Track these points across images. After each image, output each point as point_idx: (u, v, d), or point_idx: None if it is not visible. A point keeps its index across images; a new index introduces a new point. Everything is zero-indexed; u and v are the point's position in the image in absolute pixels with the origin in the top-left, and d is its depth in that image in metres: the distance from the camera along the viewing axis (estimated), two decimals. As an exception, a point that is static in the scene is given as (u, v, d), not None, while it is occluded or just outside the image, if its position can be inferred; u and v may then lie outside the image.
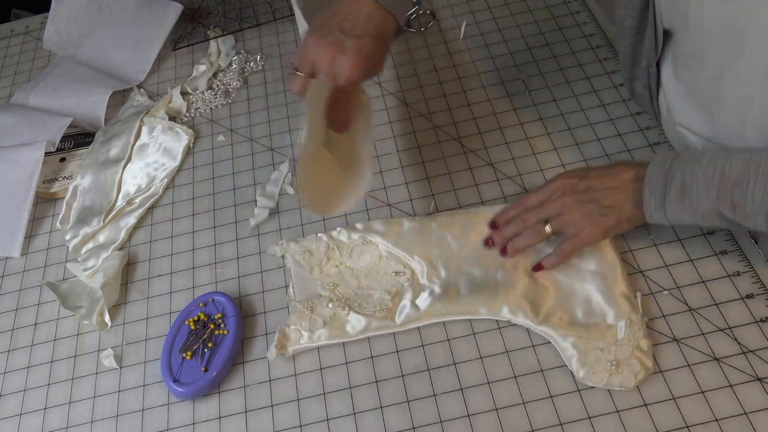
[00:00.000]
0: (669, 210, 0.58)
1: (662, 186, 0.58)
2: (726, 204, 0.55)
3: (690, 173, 0.56)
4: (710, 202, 0.56)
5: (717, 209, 0.55)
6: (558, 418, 0.59)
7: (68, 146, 0.88)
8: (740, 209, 0.54)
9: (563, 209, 0.63)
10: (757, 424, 0.56)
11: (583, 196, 0.62)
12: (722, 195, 0.55)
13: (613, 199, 0.61)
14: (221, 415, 0.64)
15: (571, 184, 0.63)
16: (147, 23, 0.99)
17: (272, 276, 0.73)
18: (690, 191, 0.56)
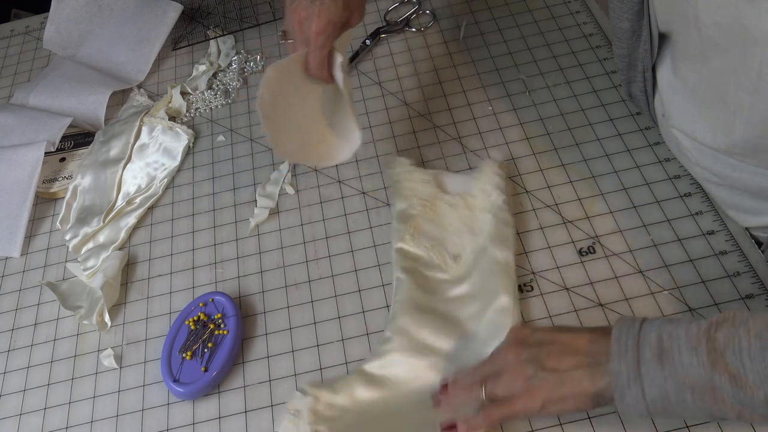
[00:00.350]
0: (647, 381, 0.45)
1: (633, 349, 0.46)
2: (722, 371, 0.43)
3: (667, 333, 0.45)
4: (701, 369, 0.43)
5: (711, 380, 0.43)
6: (558, 418, 0.58)
7: (68, 146, 0.88)
8: (741, 380, 0.42)
9: (502, 367, 0.52)
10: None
11: (527, 352, 0.51)
12: (715, 359, 0.43)
13: (558, 361, 0.49)
14: (221, 415, 0.64)
15: (523, 335, 0.53)
16: (147, 23, 0.99)
17: (272, 276, 0.73)
18: (670, 354, 0.44)
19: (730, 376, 0.42)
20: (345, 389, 0.62)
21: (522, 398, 0.50)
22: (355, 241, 0.74)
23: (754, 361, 0.42)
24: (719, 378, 0.43)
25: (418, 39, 0.94)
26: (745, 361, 0.42)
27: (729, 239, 0.66)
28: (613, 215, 0.70)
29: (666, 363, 0.44)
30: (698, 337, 0.44)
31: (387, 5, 0.99)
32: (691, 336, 0.45)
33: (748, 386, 0.42)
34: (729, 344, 0.43)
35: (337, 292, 0.70)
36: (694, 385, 0.43)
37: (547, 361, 0.50)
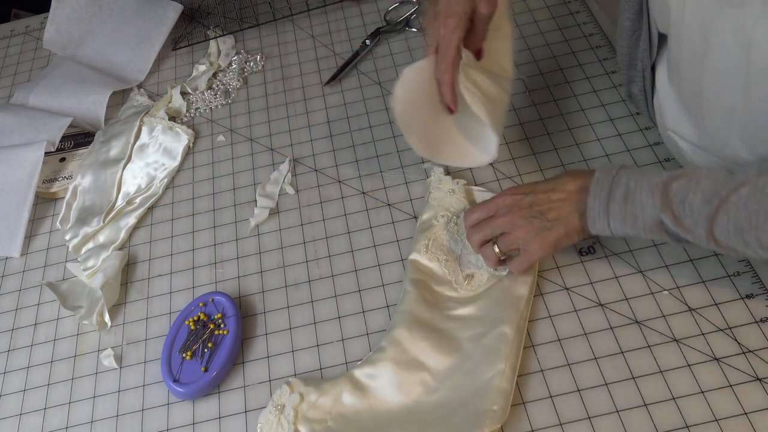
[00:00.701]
0: (612, 215, 0.57)
1: (607, 191, 0.57)
2: (668, 212, 0.54)
3: (635, 180, 0.56)
4: (653, 209, 0.55)
5: (659, 217, 0.55)
6: (558, 418, 0.59)
7: (68, 146, 0.88)
8: (681, 221, 0.54)
9: (509, 227, 0.62)
10: (757, 424, 0.56)
11: (528, 212, 0.61)
12: (664, 202, 0.54)
13: (559, 212, 0.60)
14: (221, 415, 0.64)
15: (517, 200, 0.62)
16: (147, 23, 0.99)
17: (272, 276, 0.73)
18: (634, 196, 0.56)
19: (674, 217, 0.54)
20: (331, 392, 0.62)
21: (536, 245, 0.61)
22: (355, 241, 0.74)
23: (692, 211, 0.53)
24: (665, 217, 0.54)
25: (418, 39, 0.94)
26: (686, 209, 0.53)
27: (729, 239, 0.66)
28: (613, 215, 0.70)
29: (628, 202, 0.56)
30: (657, 185, 0.55)
31: (387, 5, 0.99)
32: (653, 183, 0.55)
33: (685, 228, 0.54)
34: (679, 194, 0.54)
35: (337, 292, 0.70)
36: (646, 220, 0.56)
37: (550, 214, 0.60)
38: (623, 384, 0.59)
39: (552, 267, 0.68)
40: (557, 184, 0.62)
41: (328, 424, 0.60)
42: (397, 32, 0.95)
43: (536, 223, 0.60)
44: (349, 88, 0.89)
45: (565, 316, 0.64)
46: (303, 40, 0.98)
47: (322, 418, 0.60)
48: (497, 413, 0.57)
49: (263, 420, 0.61)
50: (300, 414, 0.61)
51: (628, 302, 0.64)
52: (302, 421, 0.60)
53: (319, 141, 0.84)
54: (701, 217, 0.52)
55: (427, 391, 0.61)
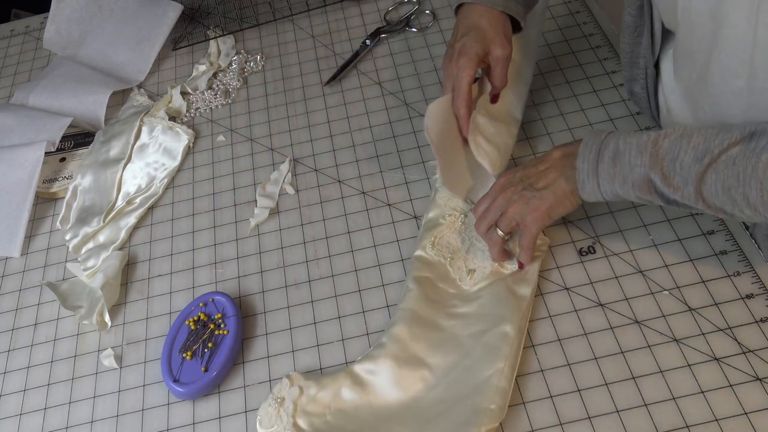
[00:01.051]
0: (601, 176, 0.57)
1: (596, 152, 0.58)
2: (657, 171, 0.54)
3: (624, 141, 0.57)
4: (642, 168, 0.55)
5: (648, 176, 0.55)
6: (558, 418, 0.59)
7: (68, 146, 0.88)
8: (670, 180, 0.54)
9: (505, 205, 0.63)
10: (757, 424, 0.56)
11: (519, 186, 0.63)
12: (654, 161, 0.54)
13: (546, 179, 0.61)
14: (221, 415, 0.64)
15: (509, 179, 0.64)
16: (147, 23, 0.99)
17: (272, 276, 0.73)
18: (622, 157, 0.56)
19: (663, 176, 0.54)
20: (331, 386, 0.62)
21: (531, 216, 0.62)
22: (355, 241, 0.74)
23: (682, 169, 0.53)
24: (654, 176, 0.55)
25: (418, 39, 0.94)
26: (676, 167, 0.53)
27: (729, 239, 0.66)
28: (614, 215, 0.70)
29: (617, 162, 0.56)
30: (646, 144, 0.55)
31: (387, 5, 0.99)
32: (641, 143, 0.56)
33: (673, 186, 0.54)
34: (669, 152, 0.54)
35: (337, 292, 0.70)
36: (635, 180, 0.56)
37: (538, 183, 0.62)
38: (623, 384, 0.59)
39: (552, 267, 0.68)
40: (545, 155, 0.63)
41: (327, 418, 0.60)
42: (397, 32, 0.95)
43: (527, 195, 0.62)
44: (349, 88, 0.89)
45: (565, 316, 0.64)
46: (303, 40, 0.98)
47: (321, 412, 0.61)
48: (495, 412, 0.57)
49: (262, 412, 0.61)
50: (299, 407, 0.61)
51: (628, 302, 0.64)
52: (301, 414, 0.61)
53: (319, 141, 0.84)
54: (691, 175, 0.53)
55: (427, 387, 0.61)
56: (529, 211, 0.61)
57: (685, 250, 0.66)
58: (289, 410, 0.61)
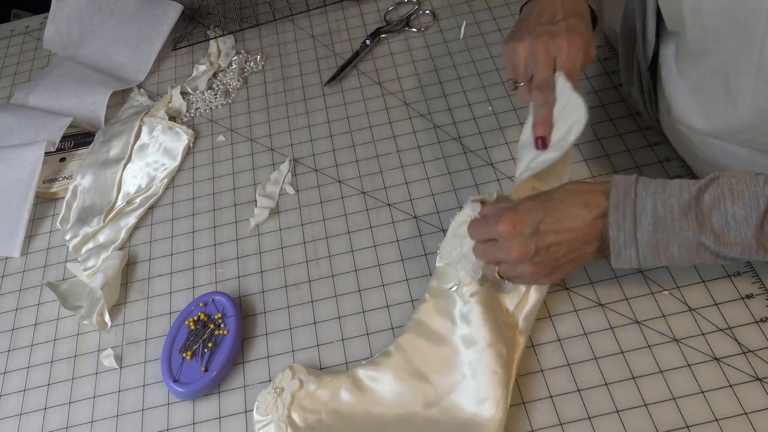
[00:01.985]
0: (641, 244, 0.52)
1: (632, 219, 0.52)
2: (708, 233, 0.50)
3: (662, 204, 0.51)
4: (690, 233, 0.50)
5: (698, 240, 0.51)
6: (558, 418, 0.59)
7: (68, 146, 0.88)
8: (724, 238, 0.50)
9: (512, 261, 0.56)
10: (757, 424, 0.56)
11: (534, 250, 0.55)
12: (702, 223, 0.50)
13: (569, 249, 0.55)
14: (221, 415, 0.64)
15: (520, 232, 0.55)
16: (147, 23, 0.99)
17: (272, 276, 0.73)
18: (664, 222, 0.51)
19: (715, 236, 0.50)
20: (331, 385, 0.62)
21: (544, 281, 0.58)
22: (355, 241, 0.74)
23: (737, 224, 0.49)
24: (705, 239, 0.50)
25: (418, 39, 0.94)
26: (729, 221, 0.49)
27: (729, 239, 0.66)
28: (613, 215, 0.70)
29: (659, 229, 0.51)
30: (689, 203, 0.51)
31: (387, 5, 0.99)
32: (683, 203, 0.51)
33: (729, 243, 0.50)
34: (715, 206, 0.50)
35: (337, 292, 0.70)
36: (682, 243, 0.51)
37: (558, 253, 0.55)
38: (623, 384, 0.59)
39: (552, 267, 0.68)
40: (564, 214, 0.54)
41: (322, 416, 0.60)
42: (397, 32, 0.95)
43: (543, 266, 0.56)
44: (349, 88, 0.89)
45: (565, 316, 0.64)
46: (303, 40, 0.98)
47: (316, 409, 0.61)
48: (496, 422, 0.57)
49: (261, 399, 0.62)
50: (296, 401, 0.61)
51: (628, 302, 0.64)
52: (297, 408, 0.61)
53: (319, 141, 0.84)
54: (750, 227, 0.49)
55: (425, 404, 0.60)
56: (544, 278, 0.57)
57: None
58: (286, 401, 0.61)
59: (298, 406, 0.61)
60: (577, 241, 0.54)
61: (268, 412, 0.61)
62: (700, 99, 0.63)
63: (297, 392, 0.62)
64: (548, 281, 0.58)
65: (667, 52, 0.66)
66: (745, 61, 0.54)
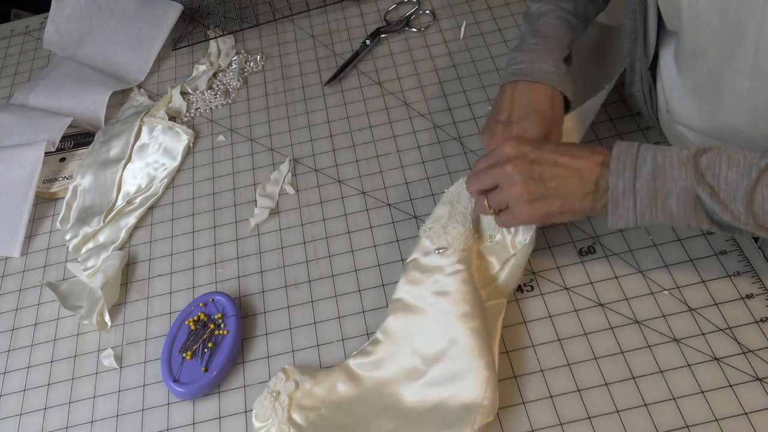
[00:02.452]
0: (640, 194, 0.52)
1: (632, 168, 0.52)
2: (704, 185, 0.50)
3: (661, 154, 0.52)
4: (687, 182, 0.51)
5: (695, 191, 0.51)
6: (558, 418, 0.59)
7: (68, 146, 0.88)
8: (717, 196, 0.50)
9: (505, 181, 0.57)
10: (757, 424, 0.56)
11: (529, 168, 0.55)
12: (698, 176, 0.50)
13: (560, 184, 0.55)
14: (221, 415, 0.64)
15: (521, 151, 0.56)
16: (147, 23, 0.99)
17: (272, 276, 0.73)
18: (663, 170, 0.51)
19: (711, 190, 0.50)
20: (326, 381, 0.62)
21: (525, 210, 0.56)
22: (355, 241, 0.74)
23: (728, 185, 0.50)
24: (701, 191, 0.50)
25: (418, 39, 0.94)
26: (721, 182, 0.50)
27: (729, 239, 0.66)
28: (613, 215, 0.70)
29: (657, 177, 0.51)
30: (687, 157, 0.51)
31: (387, 5, 0.99)
32: (682, 157, 0.51)
33: (722, 203, 0.50)
34: (710, 167, 0.50)
35: (337, 292, 0.70)
36: (680, 194, 0.51)
37: (551, 182, 0.55)
38: (623, 384, 0.59)
39: (552, 267, 0.68)
40: (569, 150, 0.56)
41: (322, 412, 0.60)
42: (397, 32, 0.95)
43: (532, 187, 0.55)
44: (349, 88, 0.89)
45: (565, 316, 0.64)
46: (303, 40, 0.98)
47: (316, 406, 0.61)
48: (487, 408, 0.57)
49: (258, 406, 0.62)
50: (294, 401, 0.61)
51: (628, 302, 0.64)
52: (296, 408, 0.61)
53: (319, 141, 0.84)
54: (739, 191, 0.49)
55: (417, 379, 0.60)
56: (526, 206, 0.56)
57: (685, 250, 0.66)
58: (284, 404, 0.61)
59: (297, 406, 0.61)
60: (573, 178, 0.55)
61: (267, 417, 0.61)
62: (697, 98, 0.63)
63: (294, 393, 0.62)
64: (530, 210, 0.56)
65: (667, 52, 0.66)
66: (740, 61, 0.54)
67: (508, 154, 0.57)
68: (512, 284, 0.65)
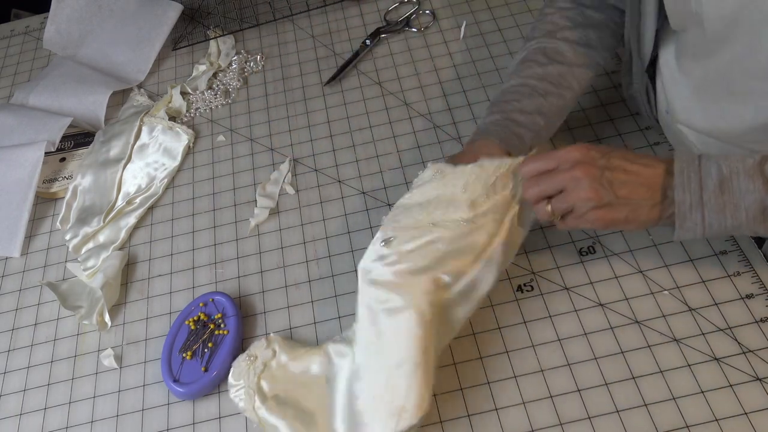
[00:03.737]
0: (708, 207, 0.52)
1: (697, 181, 0.52)
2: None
3: (726, 166, 0.51)
4: (756, 194, 0.50)
5: (764, 202, 0.50)
6: (558, 418, 0.59)
7: (68, 146, 0.88)
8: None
9: (572, 185, 0.55)
10: (757, 424, 0.56)
11: (600, 174, 0.54)
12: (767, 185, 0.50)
13: (631, 192, 0.54)
14: (221, 415, 0.64)
15: (590, 157, 0.55)
16: (147, 23, 0.99)
17: (272, 276, 0.73)
18: (730, 183, 0.51)
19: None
20: (303, 359, 0.63)
21: (593, 215, 0.55)
22: (355, 241, 0.74)
23: None
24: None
25: (418, 39, 0.94)
26: None
27: (729, 239, 0.66)
28: (613, 215, 0.70)
29: (725, 190, 0.51)
30: (753, 168, 0.51)
31: (387, 5, 0.99)
32: (747, 167, 0.51)
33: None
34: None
35: (337, 292, 0.70)
36: (749, 206, 0.51)
37: (621, 190, 0.54)
38: (623, 384, 0.60)
39: (552, 267, 0.68)
40: (637, 158, 0.55)
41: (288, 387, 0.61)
42: (397, 32, 0.95)
43: (602, 193, 0.54)
44: (349, 88, 0.89)
45: (565, 316, 0.64)
46: (303, 40, 0.98)
47: (285, 380, 0.62)
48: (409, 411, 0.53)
49: (235, 364, 0.64)
50: (268, 370, 0.63)
51: (628, 302, 0.64)
52: (268, 376, 0.62)
53: (319, 141, 0.84)
54: None
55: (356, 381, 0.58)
56: (594, 211, 0.54)
57: (685, 250, 0.66)
58: (257, 369, 0.63)
59: (269, 375, 0.62)
60: (642, 187, 0.54)
61: (240, 378, 0.63)
62: (701, 98, 0.63)
63: (269, 361, 0.63)
64: (597, 216, 0.54)
65: (667, 51, 0.66)
66: (753, 64, 0.53)
67: (576, 158, 0.55)
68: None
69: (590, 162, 0.55)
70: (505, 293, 0.67)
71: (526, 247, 0.69)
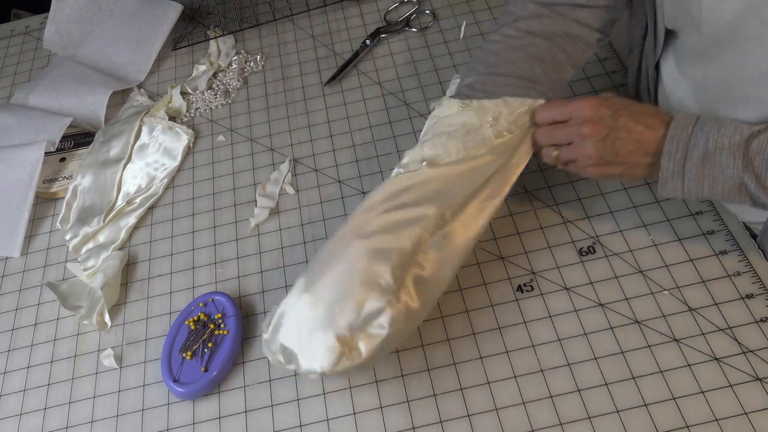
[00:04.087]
0: (688, 176, 0.55)
1: (683, 151, 0.55)
2: (750, 174, 0.52)
3: (713, 139, 0.54)
4: (734, 171, 0.53)
5: (741, 179, 0.53)
6: (558, 418, 0.59)
7: (68, 146, 0.88)
8: (762, 181, 0.52)
9: (579, 141, 0.59)
10: (757, 424, 0.56)
11: (605, 134, 0.58)
12: (746, 164, 0.52)
13: (630, 154, 0.58)
14: (221, 415, 0.64)
15: (600, 115, 0.58)
16: (147, 23, 0.99)
17: (272, 276, 0.73)
18: (713, 158, 0.54)
19: (756, 177, 0.52)
20: None
21: (592, 170, 0.60)
22: (355, 241, 0.74)
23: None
24: (747, 178, 0.53)
25: (418, 39, 0.94)
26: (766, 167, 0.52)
27: (729, 239, 0.66)
28: (613, 215, 0.70)
29: (707, 163, 0.54)
30: (738, 145, 0.53)
31: (387, 5, 0.99)
32: (733, 143, 0.53)
33: (765, 188, 0.52)
34: (761, 150, 0.52)
35: (337, 292, 0.70)
36: (726, 181, 0.54)
37: (622, 150, 0.58)
38: (623, 384, 0.60)
39: (552, 267, 0.68)
40: (642, 117, 0.58)
41: None
42: (397, 32, 0.95)
43: (603, 152, 0.58)
44: (349, 88, 0.89)
45: (565, 316, 0.64)
46: (303, 40, 0.98)
47: None
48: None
49: None
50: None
51: (628, 302, 0.64)
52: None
53: (319, 141, 0.84)
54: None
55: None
56: (595, 167, 0.59)
57: (685, 250, 0.66)
58: None
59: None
60: (641, 150, 0.57)
61: None
62: (700, 101, 0.63)
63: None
64: (596, 171, 0.60)
65: (668, 51, 0.66)
66: (752, 70, 0.54)
67: (586, 116, 0.59)
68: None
69: (599, 121, 0.58)
70: (505, 293, 0.67)
71: (526, 247, 0.69)
